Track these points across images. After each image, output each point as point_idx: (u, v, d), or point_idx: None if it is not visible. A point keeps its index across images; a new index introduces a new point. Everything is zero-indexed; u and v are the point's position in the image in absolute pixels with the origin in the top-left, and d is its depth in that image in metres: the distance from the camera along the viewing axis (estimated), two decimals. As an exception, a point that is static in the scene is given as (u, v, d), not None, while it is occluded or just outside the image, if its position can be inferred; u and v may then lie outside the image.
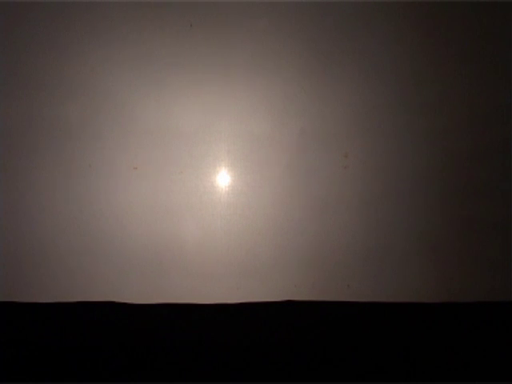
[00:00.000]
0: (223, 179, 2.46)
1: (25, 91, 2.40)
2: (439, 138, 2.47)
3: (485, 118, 2.48)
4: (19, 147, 2.40)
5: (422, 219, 2.46)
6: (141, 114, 2.42)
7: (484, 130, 2.48)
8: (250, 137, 2.46)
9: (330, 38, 2.47)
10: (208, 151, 2.45)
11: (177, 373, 1.98)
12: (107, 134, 2.41)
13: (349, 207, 2.46)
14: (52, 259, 2.36)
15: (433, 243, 2.45)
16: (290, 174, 2.47)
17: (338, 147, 2.46)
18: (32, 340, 2.11)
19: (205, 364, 2.04)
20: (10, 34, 2.40)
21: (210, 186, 2.45)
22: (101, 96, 2.42)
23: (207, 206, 2.44)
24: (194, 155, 2.44)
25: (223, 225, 2.44)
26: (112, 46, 2.42)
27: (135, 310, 2.32)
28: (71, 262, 2.36)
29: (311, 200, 2.46)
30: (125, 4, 2.41)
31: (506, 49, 2.47)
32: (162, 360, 2.06)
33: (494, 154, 2.47)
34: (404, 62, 2.48)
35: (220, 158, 2.46)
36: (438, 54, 2.48)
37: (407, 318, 2.30)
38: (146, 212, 2.42)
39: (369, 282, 2.43)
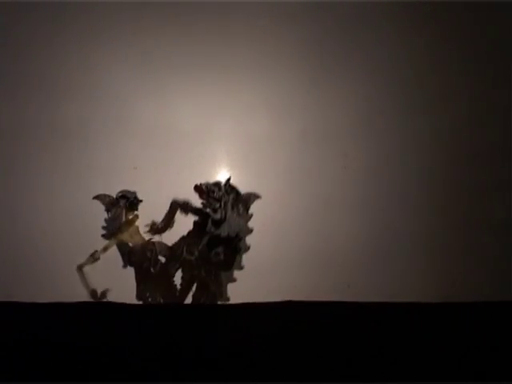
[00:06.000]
0: (223, 179, 2.45)
1: (24, 91, 2.40)
2: (439, 137, 2.47)
3: (485, 118, 2.48)
4: (18, 147, 2.40)
5: (422, 219, 2.46)
6: (141, 113, 2.42)
7: (484, 129, 2.48)
8: (250, 137, 2.46)
9: (330, 37, 2.47)
10: (207, 151, 2.45)
11: (176, 373, 1.98)
12: (107, 134, 2.41)
13: (349, 207, 2.46)
14: (52, 259, 2.36)
15: (433, 243, 2.45)
16: (289, 174, 2.46)
17: (338, 147, 2.46)
18: (31, 340, 2.11)
19: (204, 364, 2.03)
20: (10, 34, 2.40)
21: (210, 186, 2.45)
22: (100, 96, 2.42)
23: (207, 206, 2.44)
24: (193, 155, 2.44)
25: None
26: (111, 46, 2.42)
27: (134, 311, 2.32)
28: (71, 262, 2.36)
29: (311, 200, 2.45)
30: (125, 4, 2.41)
31: (506, 49, 2.47)
32: (161, 360, 2.05)
33: (494, 154, 2.47)
34: (404, 62, 2.48)
35: (219, 158, 2.46)
36: (439, 54, 2.48)
37: (407, 318, 2.29)
38: (145, 212, 2.42)
39: (369, 282, 2.43)
